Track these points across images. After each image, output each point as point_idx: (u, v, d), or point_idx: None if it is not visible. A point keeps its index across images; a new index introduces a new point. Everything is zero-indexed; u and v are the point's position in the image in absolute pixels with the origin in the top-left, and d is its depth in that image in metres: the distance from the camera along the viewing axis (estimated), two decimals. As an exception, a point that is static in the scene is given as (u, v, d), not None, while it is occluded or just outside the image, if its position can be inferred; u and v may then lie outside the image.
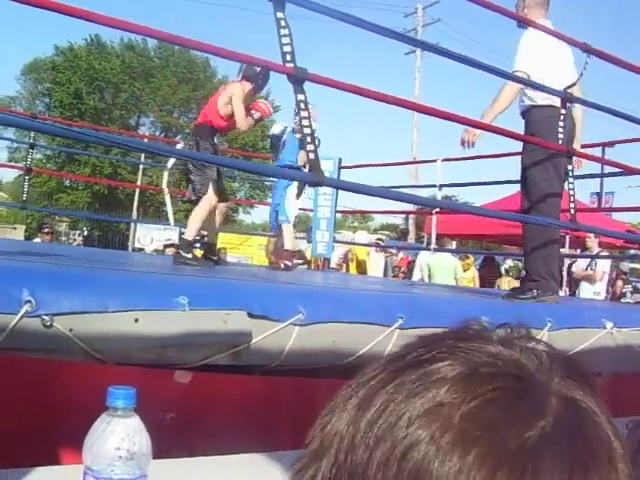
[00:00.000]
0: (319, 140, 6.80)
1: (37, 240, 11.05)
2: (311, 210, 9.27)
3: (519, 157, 4.70)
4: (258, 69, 5.39)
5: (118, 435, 1.14)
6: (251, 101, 5.72)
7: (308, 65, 2.98)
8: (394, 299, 3.53)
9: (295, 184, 6.66)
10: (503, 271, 14.13)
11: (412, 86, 25.48)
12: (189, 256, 5.23)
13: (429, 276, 10.70)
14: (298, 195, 6.78)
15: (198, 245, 6.46)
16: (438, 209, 8.55)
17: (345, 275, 10.97)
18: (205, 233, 6.17)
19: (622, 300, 12.64)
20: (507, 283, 12.89)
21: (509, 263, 15.33)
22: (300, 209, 7.97)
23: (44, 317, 1.95)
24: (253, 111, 5.68)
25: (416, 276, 11.47)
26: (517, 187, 5.49)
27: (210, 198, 5.41)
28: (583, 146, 6.02)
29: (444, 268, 10.66)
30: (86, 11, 2.61)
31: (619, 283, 13.26)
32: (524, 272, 5.07)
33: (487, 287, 11.68)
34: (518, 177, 4.95)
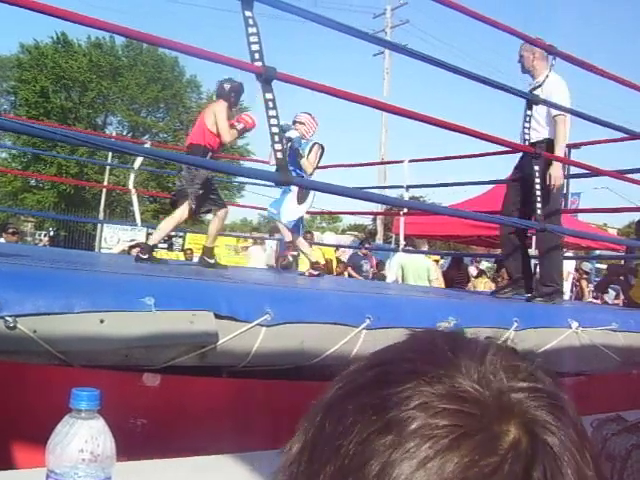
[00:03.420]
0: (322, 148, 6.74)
1: (1, 240, 10.87)
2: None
3: (485, 158, 4.93)
4: (228, 87, 5.96)
5: (82, 437, 1.13)
6: (231, 116, 6.09)
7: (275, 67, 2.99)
8: (362, 300, 3.53)
9: (295, 191, 6.58)
10: (474, 272, 14.17)
11: (381, 87, 25.57)
12: (145, 257, 5.60)
13: (402, 277, 10.66)
14: (300, 200, 6.61)
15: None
16: (406, 210, 8.58)
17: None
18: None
19: (587, 300, 12.80)
20: (483, 284, 12.94)
21: (485, 264, 15.40)
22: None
23: (7, 318, 1.92)
24: (236, 123, 6.05)
25: (390, 277, 11.41)
26: (484, 188, 5.64)
27: (183, 213, 5.89)
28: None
29: (417, 269, 10.63)
30: (52, 7, 2.57)
31: (583, 283, 13.43)
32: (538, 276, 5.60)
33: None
34: (484, 178, 5.15)
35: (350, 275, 13.20)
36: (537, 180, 4.43)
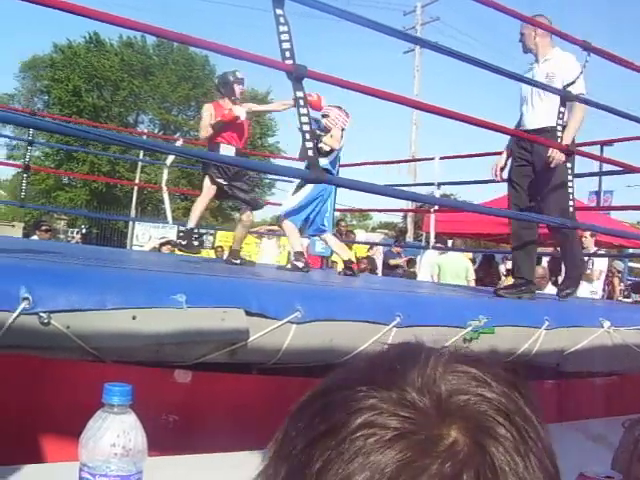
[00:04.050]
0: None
1: (35, 238, 11.01)
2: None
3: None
4: (216, 82, 6.26)
5: (114, 432, 1.14)
6: (232, 104, 6.13)
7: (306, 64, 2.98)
8: (391, 297, 3.53)
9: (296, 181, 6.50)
10: (504, 270, 14.02)
11: (411, 85, 25.47)
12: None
13: (438, 276, 10.55)
14: (295, 191, 6.44)
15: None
16: (436, 207, 8.55)
17: (336, 273, 10.91)
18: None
19: (621, 299, 12.64)
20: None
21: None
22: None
23: (41, 314, 1.95)
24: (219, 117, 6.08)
25: (424, 276, 11.32)
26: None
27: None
28: (582, 144, 6.06)
29: (455, 269, 10.52)
30: (85, 7, 2.60)
31: (615, 281, 13.26)
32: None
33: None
34: None
35: (389, 264, 13.16)
36: (570, 177, 4.36)
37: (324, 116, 6.47)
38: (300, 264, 6.06)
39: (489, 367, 0.56)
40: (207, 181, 6.03)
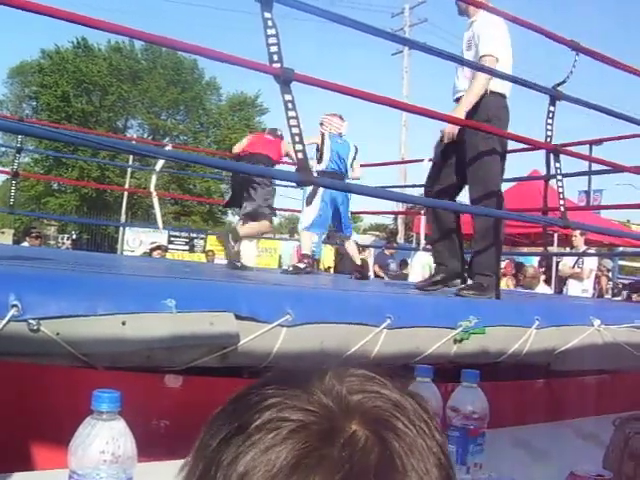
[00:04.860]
0: (356, 148, 6.85)
1: (25, 244, 10.98)
2: (299, 211, 9.23)
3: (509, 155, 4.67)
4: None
5: (103, 439, 1.14)
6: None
7: (292, 66, 2.98)
8: (382, 299, 3.52)
9: (307, 190, 6.58)
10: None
11: (400, 86, 25.52)
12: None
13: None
14: (309, 201, 6.51)
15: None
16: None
17: (334, 275, 10.93)
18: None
19: (609, 297, 12.69)
20: (505, 282, 12.82)
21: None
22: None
23: (31, 321, 1.94)
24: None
25: (415, 277, 11.30)
26: (504, 186, 5.44)
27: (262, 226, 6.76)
28: (571, 144, 6.06)
29: None
30: (72, 13, 2.59)
31: (603, 280, 13.31)
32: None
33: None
34: (505, 176, 4.88)
35: (376, 274, 13.13)
36: (559, 177, 4.31)
37: (320, 124, 6.62)
38: (302, 265, 6.37)
39: (384, 376, 0.63)
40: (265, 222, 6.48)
